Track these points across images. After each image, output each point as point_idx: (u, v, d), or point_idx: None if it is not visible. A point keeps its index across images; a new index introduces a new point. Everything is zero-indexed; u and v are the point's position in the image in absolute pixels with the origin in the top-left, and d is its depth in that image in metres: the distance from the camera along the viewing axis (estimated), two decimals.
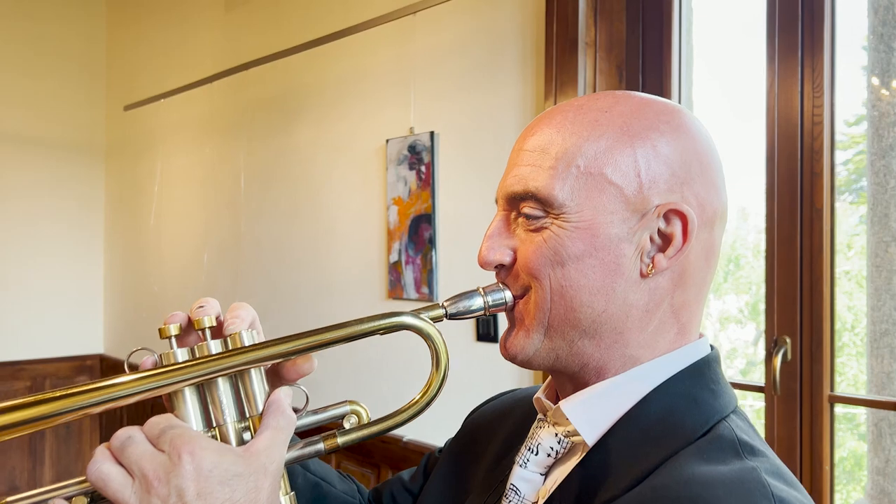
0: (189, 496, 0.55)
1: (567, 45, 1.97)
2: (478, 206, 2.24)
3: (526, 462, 0.68)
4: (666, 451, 0.59)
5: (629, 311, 0.64)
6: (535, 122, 0.69)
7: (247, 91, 3.21)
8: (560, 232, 0.63)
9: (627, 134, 0.64)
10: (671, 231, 0.63)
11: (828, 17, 1.71)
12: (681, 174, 0.63)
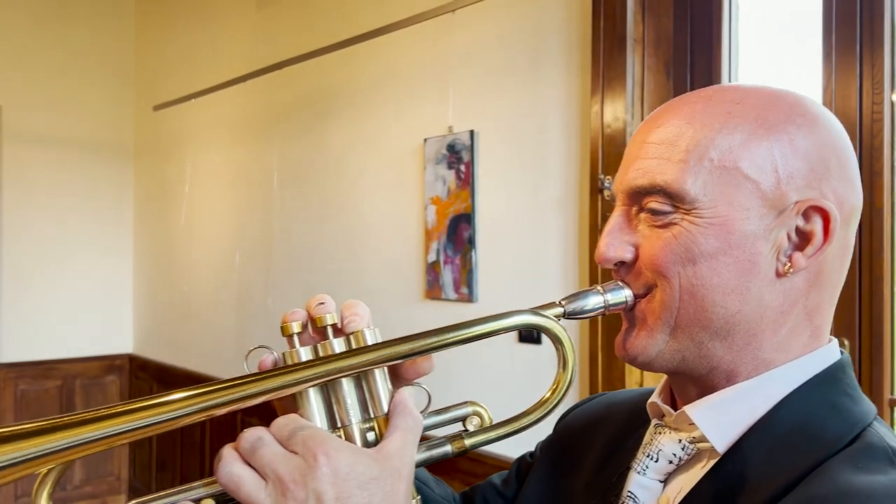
0: (327, 500, 0.53)
1: (615, 41, 1.94)
2: (520, 206, 2.21)
3: (644, 469, 0.66)
4: (810, 461, 0.56)
5: (763, 312, 0.61)
6: (659, 113, 0.66)
7: (279, 90, 3.20)
8: (692, 228, 0.60)
9: (763, 127, 0.61)
10: (811, 229, 0.60)
11: (888, 11, 1.67)
12: (819, 169, 0.61)
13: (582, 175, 2.04)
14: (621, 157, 1.95)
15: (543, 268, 2.14)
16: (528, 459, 0.88)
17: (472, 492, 0.88)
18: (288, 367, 0.60)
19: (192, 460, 3.77)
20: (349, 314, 0.63)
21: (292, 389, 0.60)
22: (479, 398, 1.79)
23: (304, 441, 0.55)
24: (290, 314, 0.64)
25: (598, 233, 1.96)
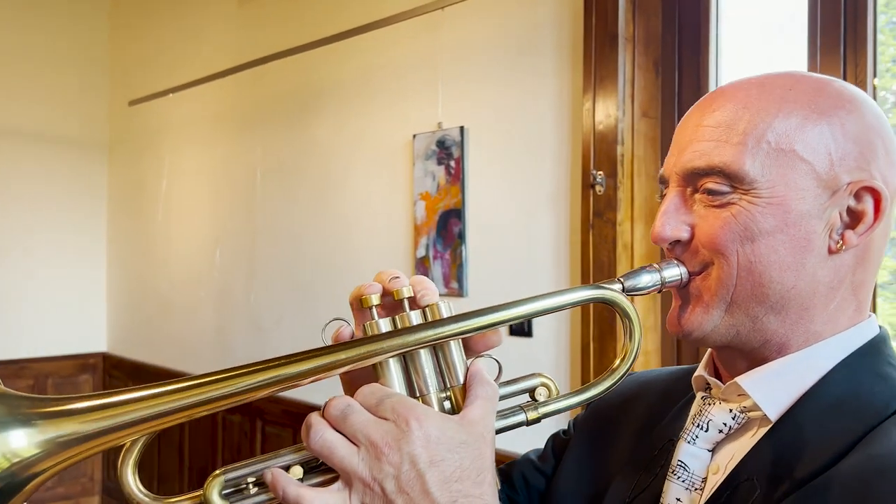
0: (422, 463, 0.55)
1: (607, 40, 1.98)
2: (511, 201, 2.24)
3: (694, 438, 0.68)
4: (863, 426, 0.60)
5: (816, 287, 0.64)
6: (712, 97, 0.68)
7: (262, 86, 3.18)
8: (751, 207, 0.63)
9: (816, 111, 0.64)
10: (862, 208, 0.64)
11: (870, 14, 1.74)
12: (867, 152, 0.64)
13: (574, 171, 2.08)
14: (613, 153, 1.96)
15: (535, 263, 2.18)
16: (562, 437, 0.90)
17: (508, 468, 0.90)
18: (377, 336, 0.62)
19: (170, 460, 3.73)
20: (421, 288, 0.65)
21: (379, 358, 0.62)
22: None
23: (393, 407, 0.57)
24: (366, 287, 0.66)
25: (590, 228, 2.00)
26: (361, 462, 0.56)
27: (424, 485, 0.55)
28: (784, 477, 0.60)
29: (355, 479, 0.57)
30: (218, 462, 3.43)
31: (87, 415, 0.57)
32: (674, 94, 2.05)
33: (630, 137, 1.98)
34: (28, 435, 0.51)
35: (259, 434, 3.21)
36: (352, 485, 0.57)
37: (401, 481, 0.56)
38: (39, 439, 0.53)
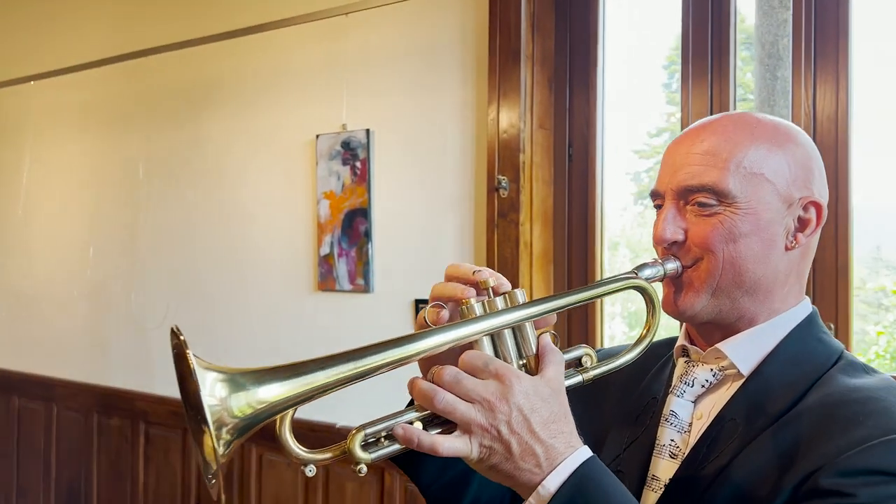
0: (526, 410, 0.69)
1: (510, 56, 2.17)
2: (418, 202, 2.38)
3: (682, 393, 0.87)
4: (813, 375, 0.80)
5: (777, 275, 0.84)
6: (697, 131, 0.86)
7: (146, 78, 3.09)
8: (732, 216, 0.82)
9: (776, 144, 0.84)
10: (808, 217, 0.84)
11: (732, 47, 2.06)
12: (809, 175, 0.85)
13: (479, 175, 2.25)
14: (516, 160, 2.17)
15: (441, 261, 2.32)
16: None
17: None
18: (480, 317, 0.75)
19: (31, 472, 3.50)
20: (498, 279, 0.78)
21: (478, 336, 0.75)
22: (376, 389, 2.06)
23: (496, 370, 0.70)
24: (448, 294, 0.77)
25: (495, 228, 2.19)
26: (479, 414, 0.70)
27: (531, 426, 0.70)
28: (759, 415, 0.79)
29: (474, 427, 0.70)
30: (93, 472, 3.28)
31: (287, 381, 0.70)
32: (565, 109, 2.28)
33: (530, 146, 2.18)
34: (266, 392, 0.69)
35: (142, 437, 3.12)
36: (471, 432, 0.70)
37: (512, 425, 0.69)
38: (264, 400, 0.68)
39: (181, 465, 2.98)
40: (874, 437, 0.69)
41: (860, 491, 0.67)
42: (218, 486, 0.68)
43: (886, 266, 8.13)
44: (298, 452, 0.73)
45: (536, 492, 0.69)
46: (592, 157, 2.24)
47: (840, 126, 1.94)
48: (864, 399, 0.74)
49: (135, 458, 3.14)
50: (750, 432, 0.78)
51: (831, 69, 1.93)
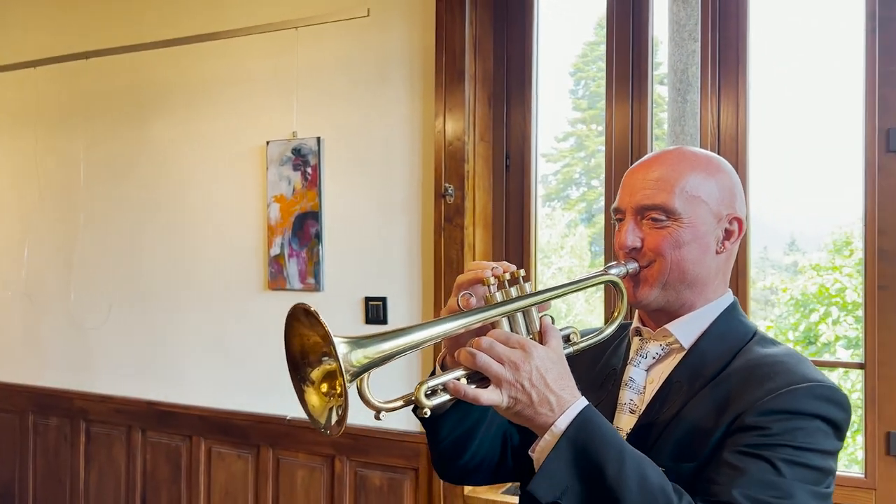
0: (542, 370, 0.90)
1: (455, 75, 2.38)
2: (367, 206, 2.55)
3: (638, 363, 1.10)
4: (736, 347, 1.05)
5: (709, 273, 1.08)
6: (650, 162, 1.09)
7: (86, 80, 3.11)
8: (678, 229, 1.05)
9: (708, 172, 1.08)
10: (732, 229, 1.09)
11: (650, 60, 2.34)
12: (732, 196, 1.09)
13: (426, 182, 2.45)
14: (461, 170, 2.42)
15: (390, 261, 2.52)
16: None
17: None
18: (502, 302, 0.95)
19: None
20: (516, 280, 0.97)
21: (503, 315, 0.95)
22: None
23: (517, 341, 0.91)
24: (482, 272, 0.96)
25: (441, 231, 2.39)
26: (507, 372, 0.89)
27: (546, 382, 0.90)
28: (698, 377, 1.03)
29: (504, 382, 0.89)
30: (28, 473, 3.27)
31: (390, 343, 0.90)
32: (503, 123, 2.51)
33: (473, 157, 2.40)
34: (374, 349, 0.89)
35: (83, 436, 3.14)
36: (502, 385, 0.90)
37: (532, 381, 0.89)
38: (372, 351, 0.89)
39: (125, 462, 3.03)
40: (781, 388, 0.95)
41: (773, 425, 0.92)
42: (343, 420, 0.87)
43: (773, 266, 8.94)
44: (375, 402, 0.90)
45: (550, 430, 0.90)
46: (528, 167, 2.48)
47: (740, 143, 2.25)
48: (773, 363, 1.00)
49: (75, 458, 3.15)
50: (692, 390, 1.02)
51: (732, 94, 2.24)
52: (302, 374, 0.91)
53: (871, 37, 2.06)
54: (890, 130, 2.02)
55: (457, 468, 1.14)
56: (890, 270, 2.02)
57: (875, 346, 2.04)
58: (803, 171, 4.21)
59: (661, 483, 0.87)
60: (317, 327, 0.87)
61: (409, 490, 2.47)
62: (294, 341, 0.91)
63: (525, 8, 2.49)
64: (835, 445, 0.95)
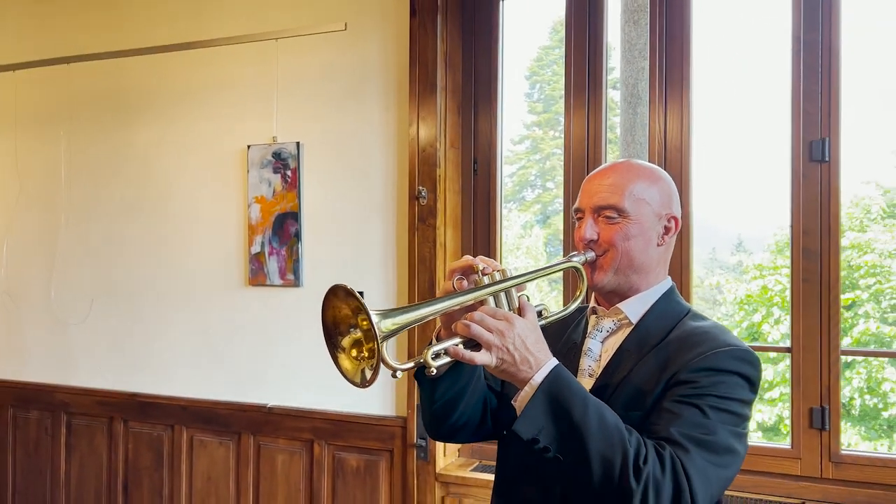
0: (522, 336, 1.10)
1: (427, 87, 2.59)
2: (345, 207, 2.74)
3: (595, 336, 1.32)
4: (673, 322, 1.28)
5: (652, 261, 1.31)
6: (605, 171, 1.31)
7: (68, 83, 3.22)
8: (627, 224, 1.27)
9: (651, 180, 1.31)
10: (670, 226, 1.32)
11: (604, 68, 2.59)
12: (669, 199, 1.32)
13: (401, 185, 2.65)
14: (434, 174, 2.66)
15: (366, 258, 2.71)
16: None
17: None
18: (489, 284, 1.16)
19: None
20: (493, 263, 1.18)
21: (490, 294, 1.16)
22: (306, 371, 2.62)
23: (503, 314, 1.11)
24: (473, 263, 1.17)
25: (415, 231, 2.59)
26: (496, 338, 1.10)
27: (525, 345, 1.10)
28: (644, 346, 1.25)
29: (493, 346, 1.09)
30: (7, 465, 3.36)
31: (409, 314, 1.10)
32: (471, 131, 2.73)
33: (444, 162, 2.61)
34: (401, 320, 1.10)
35: (63, 428, 3.24)
36: (491, 349, 1.10)
37: (515, 345, 1.10)
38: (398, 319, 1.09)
39: (107, 452, 3.15)
40: (707, 352, 1.18)
41: (701, 379, 1.15)
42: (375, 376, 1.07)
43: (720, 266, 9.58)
44: (393, 364, 1.10)
45: (529, 383, 1.11)
46: (493, 172, 2.70)
47: (684, 152, 2.50)
48: (702, 332, 1.23)
49: (55, 449, 3.26)
50: (639, 356, 1.25)
51: (677, 107, 2.49)
52: (335, 343, 1.11)
53: (796, 58, 2.33)
54: (812, 142, 2.30)
55: (447, 427, 1.34)
56: (812, 266, 2.30)
57: (800, 332, 2.32)
58: (745, 176, 4.54)
59: (616, 422, 1.09)
60: (351, 302, 1.07)
61: (384, 470, 2.66)
62: (328, 314, 1.11)
63: (491, 25, 2.70)
64: (749, 396, 1.19)
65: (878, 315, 9.05)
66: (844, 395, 8.52)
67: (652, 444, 1.09)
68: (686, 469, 1.07)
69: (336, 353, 1.12)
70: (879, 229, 8.75)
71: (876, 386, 8.54)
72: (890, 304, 8.70)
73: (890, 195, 8.95)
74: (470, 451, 2.70)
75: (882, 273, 8.65)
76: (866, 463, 2.26)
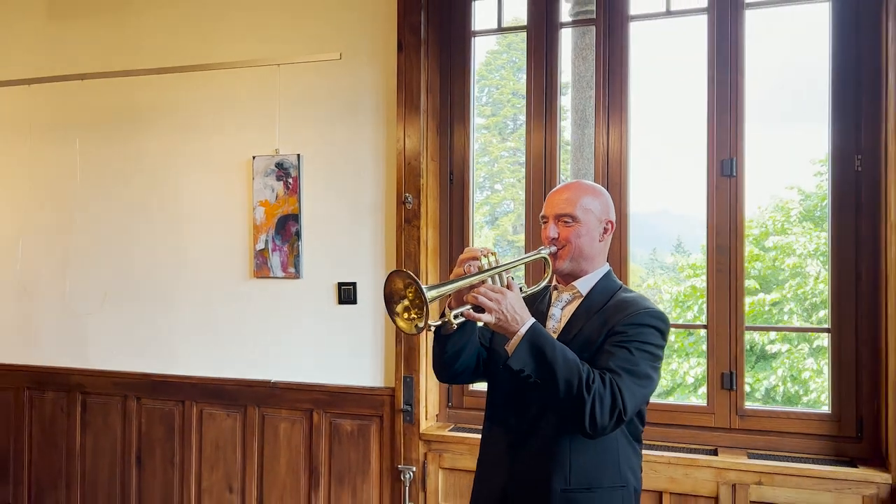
0: (512, 303, 1.60)
1: (413, 109, 3.08)
2: (340, 210, 3.21)
3: (556, 305, 1.84)
4: (610, 294, 1.80)
5: (596, 252, 1.83)
6: (562, 189, 1.83)
7: (83, 97, 3.59)
8: (578, 227, 1.79)
9: (595, 195, 1.83)
10: (608, 227, 1.84)
11: (558, 112, 3.12)
12: (608, 208, 1.85)
13: (389, 191, 3.14)
14: (418, 183, 3.25)
15: (359, 254, 3.18)
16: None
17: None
18: (491, 268, 1.65)
19: None
20: (492, 252, 1.68)
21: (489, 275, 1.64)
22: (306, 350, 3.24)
23: (499, 289, 1.62)
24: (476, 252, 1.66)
25: (402, 231, 3.08)
26: (495, 304, 1.59)
27: (514, 309, 1.60)
28: (591, 311, 1.77)
29: (493, 310, 1.59)
30: (24, 441, 3.70)
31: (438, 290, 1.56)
32: (448, 147, 3.23)
33: (426, 173, 3.11)
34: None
35: (79, 407, 3.61)
36: (492, 312, 1.59)
37: (507, 309, 1.59)
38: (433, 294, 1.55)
39: (121, 426, 3.54)
40: (634, 312, 1.72)
41: (629, 330, 1.68)
42: (426, 325, 1.54)
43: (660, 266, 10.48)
44: (425, 323, 1.58)
45: (517, 334, 1.61)
46: (467, 182, 3.21)
47: (623, 165, 3.05)
48: (631, 300, 1.77)
49: (71, 425, 3.62)
50: (587, 318, 1.77)
51: (617, 130, 3.04)
52: (392, 309, 1.60)
53: (711, 92, 2.91)
54: (723, 161, 2.88)
55: (451, 372, 1.84)
56: (722, 259, 2.89)
57: (714, 312, 2.90)
58: (678, 187, 5.21)
59: (575, 358, 1.62)
60: (405, 278, 1.56)
61: (374, 432, 3.14)
62: (387, 287, 1.60)
63: (464, 59, 3.22)
64: (661, 342, 1.73)
65: (800, 312, 9.94)
66: (770, 383, 9.36)
67: (597, 372, 1.62)
68: (619, 387, 1.60)
69: (394, 317, 1.62)
70: (799, 231, 9.62)
71: (797, 374, 9.39)
72: (811, 304, 9.57)
73: (809, 201, 9.83)
74: (447, 415, 3.20)
75: (801, 274, 9.51)
76: (764, 415, 2.86)
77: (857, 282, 2.75)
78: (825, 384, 8.77)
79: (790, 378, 9.48)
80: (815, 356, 9.11)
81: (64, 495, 3.63)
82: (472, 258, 1.70)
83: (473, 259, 1.70)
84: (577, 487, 1.69)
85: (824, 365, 8.81)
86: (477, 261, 1.69)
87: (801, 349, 9.29)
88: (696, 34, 2.97)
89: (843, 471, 2.58)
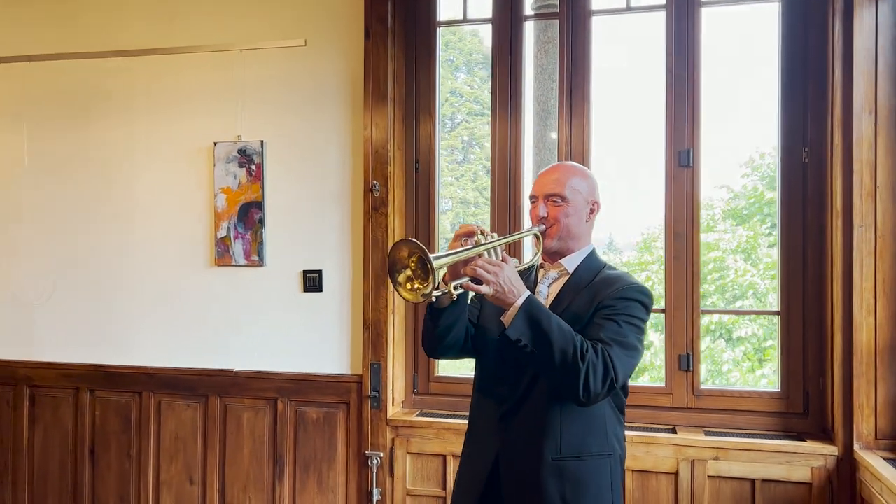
0: (509, 275, 1.64)
1: (380, 97, 3.10)
2: (305, 198, 3.19)
3: (544, 282, 1.89)
4: (596, 271, 1.87)
5: (582, 232, 1.89)
6: (551, 169, 1.89)
7: (29, 81, 3.46)
8: (567, 206, 1.85)
9: (583, 176, 1.90)
10: (594, 208, 1.91)
11: (522, 103, 3.19)
12: (594, 189, 1.92)
13: (356, 179, 3.14)
14: (385, 170, 3.29)
15: (325, 241, 3.18)
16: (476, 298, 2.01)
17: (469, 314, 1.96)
18: (487, 242, 1.69)
19: None
20: (487, 231, 1.72)
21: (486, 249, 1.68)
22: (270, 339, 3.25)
23: (496, 262, 1.66)
24: (472, 229, 1.69)
25: (370, 218, 3.09)
26: (492, 276, 1.63)
27: (511, 281, 1.64)
28: (578, 287, 1.84)
29: (490, 282, 1.62)
30: None
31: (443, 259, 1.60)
32: (414, 136, 3.26)
33: (393, 161, 3.13)
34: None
35: (26, 401, 3.48)
36: (490, 284, 1.63)
37: (504, 281, 1.63)
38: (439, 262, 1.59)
39: (73, 420, 3.42)
40: (619, 287, 1.79)
41: (616, 304, 1.75)
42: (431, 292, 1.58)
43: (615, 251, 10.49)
44: (431, 290, 1.61)
45: (514, 306, 1.66)
46: (433, 170, 3.25)
47: (585, 157, 3.14)
48: (616, 277, 1.84)
49: (18, 419, 3.48)
50: (575, 294, 1.84)
51: (580, 121, 3.13)
52: (394, 279, 1.62)
53: (669, 86, 3.04)
54: (681, 152, 3.01)
55: (443, 346, 1.87)
56: (679, 245, 3.01)
57: (672, 297, 3.02)
58: (625, 180, 5.38)
59: (569, 329, 1.68)
60: (411, 247, 1.59)
61: (341, 420, 3.14)
62: (391, 255, 1.62)
63: (430, 48, 3.25)
64: (646, 316, 1.81)
65: (723, 305, 10.41)
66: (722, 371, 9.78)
67: (589, 342, 1.69)
68: (611, 356, 1.67)
69: (397, 288, 1.64)
70: (724, 227, 10.04)
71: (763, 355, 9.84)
72: (732, 295, 10.00)
73: (736, 200, 10.27)
74: (412, 402, 3.23)
75: (724, 269, 9.93)
76: (718, 395, 3.00)
77: (805, 268, 2.92)
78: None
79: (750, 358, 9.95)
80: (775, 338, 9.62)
81: (10, 492, 3.49)
82: (470, 233, 1.75)
83: (470, 234, 1.74)
84: (567, 456, 1.75)
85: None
86: (474, 236, 1.74)
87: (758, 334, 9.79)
88: (655, 30, 3.09)
89: (793, 444, 2.74)
